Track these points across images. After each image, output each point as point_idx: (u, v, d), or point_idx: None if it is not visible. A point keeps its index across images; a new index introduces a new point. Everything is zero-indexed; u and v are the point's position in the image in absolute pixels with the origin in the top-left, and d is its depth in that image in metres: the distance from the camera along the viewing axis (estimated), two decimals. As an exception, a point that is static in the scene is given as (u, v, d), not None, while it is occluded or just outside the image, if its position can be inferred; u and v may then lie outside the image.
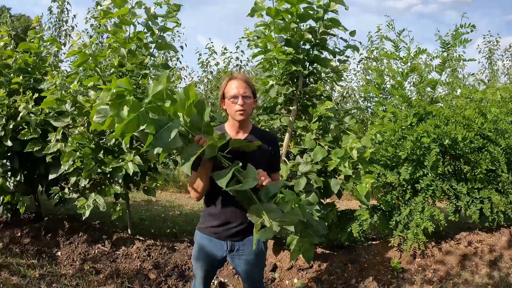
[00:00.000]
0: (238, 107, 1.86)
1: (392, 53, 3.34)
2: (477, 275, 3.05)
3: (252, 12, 2.91)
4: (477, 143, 3.10)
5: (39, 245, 3.62)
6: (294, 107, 3.13)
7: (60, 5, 6.40)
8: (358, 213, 3.34)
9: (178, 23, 3.21)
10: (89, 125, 3.28)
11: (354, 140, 2.74)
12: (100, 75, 3.17)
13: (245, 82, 1.91)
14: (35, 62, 3.86)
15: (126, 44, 3.18)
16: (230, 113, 1.92)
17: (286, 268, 3.26)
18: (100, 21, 3.29)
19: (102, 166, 3.16)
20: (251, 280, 2.09)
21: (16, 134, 3.50)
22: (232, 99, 1.87)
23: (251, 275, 2.06)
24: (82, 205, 3.19)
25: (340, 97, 6.16)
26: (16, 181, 3.69)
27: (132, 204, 5.54)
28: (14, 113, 3.58)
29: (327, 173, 3.14)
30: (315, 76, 3.26)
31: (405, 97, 3.31)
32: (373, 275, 3.15)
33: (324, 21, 3.02)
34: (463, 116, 3.09)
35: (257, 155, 1.90)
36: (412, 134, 3.10)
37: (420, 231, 3.04)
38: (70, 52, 3.19)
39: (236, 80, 1.90)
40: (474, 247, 3.31)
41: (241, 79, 1.91)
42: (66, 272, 3.23)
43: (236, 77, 1.92)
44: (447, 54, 3.29)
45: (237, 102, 1.86)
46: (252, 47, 3.24)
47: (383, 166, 3.22)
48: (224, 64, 7.03)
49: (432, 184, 3.10)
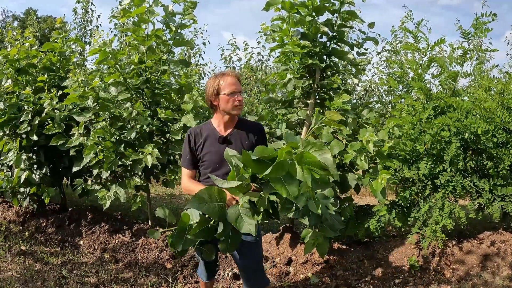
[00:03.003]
0: (237, 103, 2.01)
1: (410, 44, 3.26)
2: (498, 277, 2.95)
3: (267, 6, 2.92)
4: (500, 137, 2.98)
5: (62, 234, 3.78)
6: (312, 101, 3.12)
7: (85, 6, 6.64)
8: (376, 209, 3.29)
9: (195, 19, 3.27)
10: (110, 119, 3.39)
11: (371, 133, 2.71)
12: (120, 71, 3.27)
13: (238, 78, 2.06)
14: (59, 61, 4.02)
15: (145, 41, 3.26)
16: (226, 108, 2.02)
17: (301, 262, 3.26)
18: (120, 19, 3.40)
19: (123, 159, 3.26)
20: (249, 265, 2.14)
21: (42, 129, 3.68)
22: (231, 95, 1.99)
23: (248, 261, 2.12)
24: (103, 196, 3.31)
25: (363, 91, 6.07)
26: (42, 173, 3.87)
27: (155, 197, 5.67)
28: (39, 110, 3.76)
29: (345, 167, 3.11)
30: (332, 69, 3.23)
31: (425, 89, 3.23)
32: (390, 272, 3.10)
33: (341, 14, 3.00)
34: (483, 108, 2.98)
35: (243, 145, 2.08)
36: (431, 127, 3.02)
37: (438, 229, 2.96)
38: (91, 51, 3.31)
39: (231, 77, 2.02)
40: (497, 248, 3.19)
41: (235, 76, 2.05)
42: (87, 260, 3.36)
43: (230, 74, 2.04)
44: (468, 45, 3.18)
45: (237, 98, 2.00)
46: (270, 41, 3.26)
47: (401, 160, 3.15)
48: (245, 59, 7.07)
49: (452, 180, 3.01)
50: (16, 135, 3.85)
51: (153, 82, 3.39)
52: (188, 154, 2.11)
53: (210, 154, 2.07)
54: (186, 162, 2.13)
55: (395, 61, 3.67)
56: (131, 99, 3.35)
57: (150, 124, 3.24)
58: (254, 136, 2.12)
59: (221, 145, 2.05)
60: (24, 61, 3.93)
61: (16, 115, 3.82)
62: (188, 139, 2.10)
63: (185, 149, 2.12)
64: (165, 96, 3.51)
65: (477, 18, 3.14)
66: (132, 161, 3.20)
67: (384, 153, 2.87)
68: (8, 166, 4.17)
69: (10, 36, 4.15)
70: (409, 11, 3.45)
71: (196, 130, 2.12)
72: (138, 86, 3.34)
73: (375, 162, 3.00)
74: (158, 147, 3.19)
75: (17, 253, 3.51)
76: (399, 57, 5.24)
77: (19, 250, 3.56)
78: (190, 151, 2.10)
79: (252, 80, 6.11)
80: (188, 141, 2.10)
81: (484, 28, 3.14)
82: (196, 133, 2.11)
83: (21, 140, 3.77)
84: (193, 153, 2.11)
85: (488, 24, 3.13)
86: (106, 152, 3.20)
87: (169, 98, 3.54)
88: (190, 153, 2.10)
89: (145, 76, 3.36)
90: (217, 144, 2.06)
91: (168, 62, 3.46)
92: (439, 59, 3.32)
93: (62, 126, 3.61)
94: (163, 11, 3.32)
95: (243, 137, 2.10)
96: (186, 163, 2.13)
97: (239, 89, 2.04)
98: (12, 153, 3.80)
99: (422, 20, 3.25)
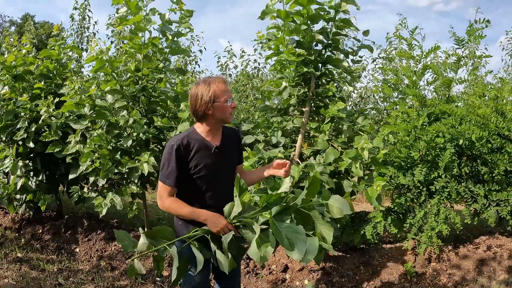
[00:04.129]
0: (230, 110, 1.89)
1: (405, 52, 3.30)
2: (494, 281, 2.96)
3: (263, 15, 2.94)
4: (495, 143, 3.01)
5: (58, 242, 3.78)
6: (307, 108, 3.14)
7: (82, 12, 6.67)
8: (372, 215, 3.31)
9: (191, 28, 3.29)
10: (107, 127, 3.40)
11: (366, 140, 2.73)
12: (117, 79, 3.28)
13: (228, 84, 1.95)
14: (56, 68, 4.04)
15: (141, 49, 3.28)
16: (222, 116, 1.88)
17: (297, 269, 3.26)
18: (117, 27, 3.41)
19: (119, 166, 3.27)
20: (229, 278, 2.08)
21: (38, 136, 3.68)
22: (227, 103, 1.86)
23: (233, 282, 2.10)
24: (99, 204, 3.31)
25: (359, 98, 6.11)
26: (38, 180, 3.87)
27: (152, 204, 5.67)
28: (36, 117, 3.76)
29: (341, 174, 3.13)
30: (327, 77, 3.26)
31: (419, 96, 3.26)
32: (386, 278, 3.11)
33: (335, 22, 3.02)
34: (477, 114, 3.01)
35: (232, 154, 2.01)
36: (426, 134, 3.04)
37: (434, 234, 2.98)
38: (88, 59, 3.32)
39: (223, 83, 1.89)
40: (493, 252, 3.21)
41: (226, 81, 1.92)
42: (83, 268, 3.36)
43: (221, 81, 1.90)
44: (462, 52, 3.22)
45: (232, 105, 1.89)
46: (265, 49, 3.27)
47: (396, 167, 3.17)
48: (242, 66, 7.12)
49: (447, 186, 3.03)
50: (13, 142, 3.86)
51: (150, 90, 3.40)
52: (175, 169, 1.83)
53: (206, 168, 1.88)
54: (171, 179, 1.84)
55: (390, 69, 3.70)
56: (128, 107, 3.36)
57: (146, 132, 3.25)
58: (237, 142, 2.07)
59: (216, 157, 1.91)
60: (21, 67, 3.95)
61: (13, 122, 3.83)
62: (176, 152, 1.83)
63: (171, 163, 1.83)
64: (161, 104, 3.52)
65: (471, 25, 3.17)
66: (128, 169, 3.20)
67: (379, 160, 2.89)
68: (5, 173, 4.17)
69: (7, 43, 4.17)
70: (404, 18, 3.47)
71: (183, 142, 1.85)
72: (134, 94, 3.36)
73: (370, 169, 3.01)
74: (154, 155, 3.19)
75: (13, 260, 3.50)
76: (394, 64, 5.28)
77: (15, 257, 3.56)
78: (178, 166, 1.83)
79: (248, 87, 6.14)
80: (177, 155, 1.83)
81: (478, 35, 3.17)
82: (183, 145, 1.85)
83: (17, 147, 3.78)
84: (182, 168, 1.85)
85: (481, 30, 3.17)
86: (102, 160, 3.20)
87: (165, 106, 3.55)
88: (177, 169, 1.83)
89: (142, 84, 3.38)
90: (212, 155, 1.90)
91: (165, 70, 3.48)
92: (434, 66, 3.36)
93: (59, 133, 3.61)
94: (159, 19, 3.34)
95: (231, 145, 2.02)
96: (171, 180, 1.84)
97: (231, 95, 1.93)
98: (9, 160, 3.81)
99: (416, 27, 3.29)
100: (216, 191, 1.92)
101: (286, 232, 1.57)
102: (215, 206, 1.88)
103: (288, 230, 1.58)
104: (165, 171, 1.85)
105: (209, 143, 1.92)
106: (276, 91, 3.23)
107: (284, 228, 1.59)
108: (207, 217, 1.81)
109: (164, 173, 1.85)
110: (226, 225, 1.77)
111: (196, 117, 1.91)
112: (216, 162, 1.91)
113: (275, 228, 1.58)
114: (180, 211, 1.86)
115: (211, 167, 1.90)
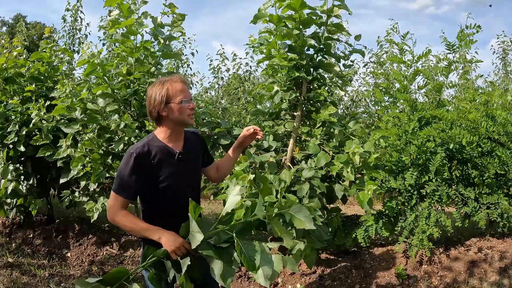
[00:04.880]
0: (190, 112, 1.73)
1: (395, 56, 3.32)
2: (485, 283, 2.99)
3: (255, 19, 2.94)
4: (485, 147, 3.04)
5: (50, 246, 3.75)
6: (298, 113, 3.15)
7: (74, 14, 6.63)
8: (363, 219, 3.33)
9: (183, 32, 3.29)
10: (98, 131, 3.38)
11: (357, 145, 2.74)
12: (108, 83, 3.27)
13: (187, 84, 1.80)
14: (47, 71, 4.00)
15: (133, 53, 3.27)
16: (180, 118, 1.72)
17: (289, 273, 3.27)
18: (109, 30, 3.40)
19: (110, 171, 3.25)
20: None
21: (29, 140, 3.65)
22: (184, 103, 1.71)
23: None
24: (90, 208, 3.29)
25: (350, 101, 6.15)
26: (29, 184, 3.84)
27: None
28: (27, 120, 3.73)
29: (332, 178, 3.14)
30: (319, 81, 3.27)
31: (410, 101, 3.28)
32: (377, 281, 3.12)
33: (327, 26, 3.03)
34: (468, 119, 3.04)
35: (197, 157, 1.89)
36: (417, 138, 3.07)
37: (425, 237, 3.00)
38: (79, 62, 3.30)
39: (181, 82, 1.74)
40: (484, 254, 3.24)
41: (184, 81, 1.77)
42: (74, 273, 3.34)
43: (179, 80, 1.75)
44: (453, 57, 3.25)
45: (190, 105, 1.73)
46: (257, 53, 3.27)
47: (388, 171, 3.19)
48: (234, 70, 7.14)
49: (438, 190, 3.05)
50: (3, 146, 3.82)
51: (141, 94, 3.39)
52: (133, 180, 1.65)
53: (170, 177, 1.72)
54: (127, 191, 1.66)
55: (381, 73, 3.73)
56: (119, 110, 3.34)
57: (138, 136, 3.23)
58: (200, 146, 1.93)
59: (180, 164, 1.75)
60: (12, 70, 3.91)
61: (3, 125, 3.80)
62: (135, 162, 1.64)
63: (128, 174, 1.65)
64: (153, 107, 3.50)
65: (462, 30, 3.20)
66: (120, 173, 3.19)
67: (370, 164, 2.90)
68: (-5, 177, 4.12)
69: (-2, 44, 4.13)
70: (395, 23, 3.50)
71: (142, 150, 1.68)
72: (126, 98, 3.34)
73: (362, 173, 3.03)
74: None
75: (4, 265, 3.47)
76: (385, 68, 5.32)
77: (6, 262, 3.52)
78: (137, 177, 1.66)
79: (240, 91, 6.15)
80: (135, 165, 1.65)
81: (469, 40, 3.20)
82: (143, 153, 1.67)
83: (8, 150, 3.74)
84: (142, 180, 1.67)
85: (472, 36, 3.20)
86: (93, 164, 3.19)
87: (157, 109, 3.53)
88: (136, 180, 1.65)
89: (133, 88, 3.37)
90: (175, 163, 1.74)
91: (157, 74, 3.47)
92: (425, 71, 3.39)
93: (50, 137, 3.58)
94: (152, 23, 3.33)
95: (194, 150, 1.87)
96: (127, 192, 1.66)
97: (190, 95, 1.76)
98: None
99: (408, 32, 3.31)
100: (180, 202, 1.71)
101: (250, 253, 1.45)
102: (179, 218, 1.67)
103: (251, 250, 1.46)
104: (120, 180, 1.67)
105: (171, 149, 1.75)
106: (267, 95, 3.23)
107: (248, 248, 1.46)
108: (161, 235, 1.60)
109: (120, 183, 1.67)
110: (182, 244, 1.57)
111: (153, 120, 1.77)
112: (180, 171, 1.76)
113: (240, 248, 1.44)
114: (133, 226, 1.65)
115: (175, 176, 1.74)
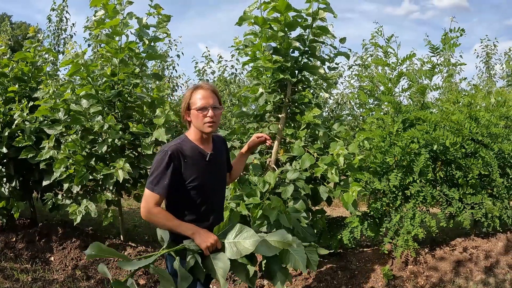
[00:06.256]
0: (208, 119, 1.76)
1: (380, 59, 3.34)
2: (471, 282, 3.02)
3: (240, 21, 2.93)
4: (468, 148, 3.08)
5: (33, 250, 3.67)
6: (283, 115, 3.15)
7: (59, 14, 6.55)
8: (348, 220, 3.34)
9: (168, 33, 3.27)
10: (82, 132, 3.34)
11: (341, 147, 2.75)
12: (92, 84, 3.23)
13: (212, 92, 1.81)
14: (30, 71, 3.94)
15: (117, 54, 3.24)
16: (197, 125, 1.79)
17: (275, 275, 3.26)
18: (94, 30, 3.36)
19: (94, 173, 3.21)
20: None
21: (11, 141, 3.57)
22: (200, 111, 1.76)
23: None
24: (74, 211, 3.24)
25: (335, 104, 6.18)
26: (11, 187, 3.76)
27: (128, 211, 5.58)
28: (9, 121, 3.66)
29: (317, 180, 3.15)
30: (304, 83, 3.27)
31: (394, 103, 3.31)
32: (363, 282, 3.13)
33: (313, 29, 3.04)
34: (451, 120, 3.07)
35: (224, 162, 2.00)
36: (401, 140, 3.09)
37: (410, 238, 3.02)
38: (63, 62, 3.26)
39: (203, 90, 1.79)
40: (469, 253, 3.27)
41: (209, 88, 1.81)
42: (58, 277, 3.27)
43: (203, 87, 1.80)
44: (437, 60, 3.28)
45: (207, 113, 1.76)
46: (242, 55, 3.27)
47: (372, 173, 3.21)
48: (219, 72, 7.12)
49: (422, 190, 3.08)
50: (-15, 148, 3.73)
51: (125, 95, 3.36)
52: (168, 177, 1.69)
53: (201, 178, 1.78)
54: (161, 187, 1.69)
55: (366, 76, 3.76)
56: (103, 112, 3.30)
57: (121, 137, 3.20)
58: (226, 149, 2.05)
59: (211, 166, 1.82)
60: (-5, 69, 3.84)
61: (-15, 126, 3.72)
62: (170, 159, 1.70)
63: (163, 171, 1.70)
64: (137, 109, 3.48)
65: (446, 34, 3.24)
66: (103, 176, 3.15)
67: (354, 165, 2.92)
68: (-23, 179, 4.03)
69: (-19, 44, 4.05)
70: (380, 26, 3.52)
71: (178, 149, 1.73)
72: (110, 99, 3.31)
73: (346, 174, 3.04)
74: (129, 161, 3.15)
75: (-14, 270, 3.39)
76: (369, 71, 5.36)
77: (-12, 267, 3.44)
78: (171, 174, 1.70)
79: (225, 93, 6.14)
80: (170, 163, 1.70)
81: (453, 43, 3.24)
82: (179, 153, 1.73)
83: (-11, 152, 3.66)
84: (175, 177, 1.72)
85: (456, 39, 3.23)
86: (76, 166, 3.14)
87: (141, 111, 3.51)
88: (170, 177, 1.70)
89: (117, 89, 3.33)
90: (206, 164, 1.80)
91: (141, 75, 3.44)
92: (409, 73, 3.42)
93: (33, 138, 3.52)
94: (137, 23, 3.30)
95: (222, 153, 1.95)
96: (161, 188, 1.69)
97: (211, 103, 1.76)
98: (-19, 166, 3.69)
99: (392, 35, 3.34)
100: (208, 204, 1.82)
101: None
102: (206, 220, 1.78)
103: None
104: (154, 178, 1.70)
105: (202, 150, 1.82)
106: (252, 97, 3.23)
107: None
108: (195, 232, 1.66)
109: (153, 180, 1.70)
110: (216, 241, 1.63)
111: (184, 122, 1.89)
112: (210, 172, 1.82)
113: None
114: (167, 223, 1.69)
115: (204, 176, 1.79)
